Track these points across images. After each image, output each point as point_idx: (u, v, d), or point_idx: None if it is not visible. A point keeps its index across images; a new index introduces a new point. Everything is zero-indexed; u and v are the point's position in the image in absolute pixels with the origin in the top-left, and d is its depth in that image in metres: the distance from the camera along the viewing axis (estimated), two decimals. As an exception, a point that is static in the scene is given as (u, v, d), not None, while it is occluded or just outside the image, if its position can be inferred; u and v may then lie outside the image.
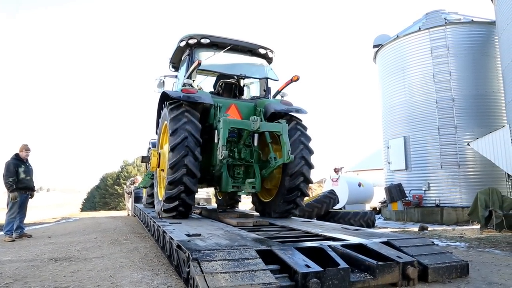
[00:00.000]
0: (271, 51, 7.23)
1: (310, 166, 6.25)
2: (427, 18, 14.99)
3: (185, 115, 5.59)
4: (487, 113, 13.47)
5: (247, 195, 7.03)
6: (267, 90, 7.15)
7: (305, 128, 6.50)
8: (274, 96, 7.02)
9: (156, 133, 7.13)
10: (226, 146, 5.34)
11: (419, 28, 14.52)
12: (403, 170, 14.72)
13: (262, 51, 7.10)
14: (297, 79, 6.52)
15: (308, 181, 6.25)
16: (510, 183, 12.17)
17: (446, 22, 14.08)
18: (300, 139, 6.26)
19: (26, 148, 8.22)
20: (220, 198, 9.31)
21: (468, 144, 12.73)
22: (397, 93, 15.24)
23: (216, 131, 5.75)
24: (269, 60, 7.34)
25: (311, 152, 6.34)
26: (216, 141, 5.69)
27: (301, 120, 6.59)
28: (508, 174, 11.75)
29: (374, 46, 16.68)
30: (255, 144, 6.25)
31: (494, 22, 12.84)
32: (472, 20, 14.19)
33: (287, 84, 6.75)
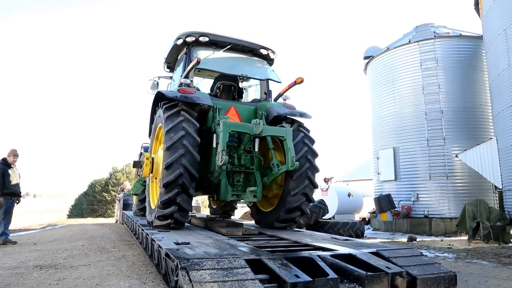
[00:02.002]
0: (273, 52, 6.85)
1: (316, 169, 5.91)
2: (417, 31, 15.27)
3: (182, 119, 5.15)
4: (475, 125, 13.71)
5: (248, 204, 6.55)
6: (268, 93, 6.77)
7: (309, 133, 6.11)
8: (276, 99, 6.67)
9: (149, 136, 6.75)
10: (226, 151, 4.97)
11: (409, 41, 14.77)
12: (393, 181, 14.84)
13: (263, 51, 6.72)
14: (301, 81, 6.12)
15: (313, 184, 5.87)
16: (497, 194, 12.34)
17: (435, 36, 14.36)
18: (305, 148, 5.86)
19: (14, 154, 8.10)
20: (214, 207, 8.97)
21: (456, 156, 12.91)
22: (387, 105, 15.42)
23: (214, 135, 5.41)
24: (271, 62, 6.96)
25: (315, 153, 5.95)
26: (214, 145, 5.35)
27: (308, 131, 6.16)
28: (495, 186, 11.91)
29: (365, 58, 16.91)
30: (256, 149, 5.92)
31: (482, 36, 13.12)
32: (460, 34, 14.50)
33: (290, 86, 6.33)
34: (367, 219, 16.71)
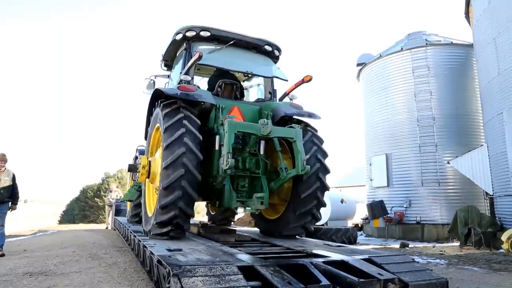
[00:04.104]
0: (278, 49, 6.46)
1: (327, 170, 5.51)
2: (409, 39, 15.45)
3: (182, 116, 4.74)
4: (466, 132, 13.85)
5: (256, 212, 5.92)
6: (272, 92, 6.36)
7: (319, 137, 5.73)
8: (281, 99, 6.28)
9: (145, 139, 6.33)
10: (232, 154, 4.55)
11: (401, 48, 14.94)
12: (385, 187, 14.91)
13: (268, 48, 6.32)
14: (310, 80, 5.74)
15: (325, 186, 5.50)
16: (488, 201, 12.45)
17: (427, 43, 14.54)
18: (314, 148, 5.48)
19: (1, 159, 7.80)
20: (213, 213, 8.54)
21: (448, 163, 13.01)
22: (379, 111, 15.54)
23: (217, 136, 5.04)
24: (275, 60, 6.58)
25: (325, 154, 5.57)
26: (217, 147, 5.00)
27: (316, 130, 5.80)
28: (486, 192, 12.01)
29: (358, 65, 17.05)
30: (261, 152, 5.49)
31: (472, 44, 13.31)
32: (451, 42, 14.70)
33: (297, 85, 5.95)
34: (360, 225, 16.74)
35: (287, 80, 6.25)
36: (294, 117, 5.69)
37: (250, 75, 6.80)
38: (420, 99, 14.19)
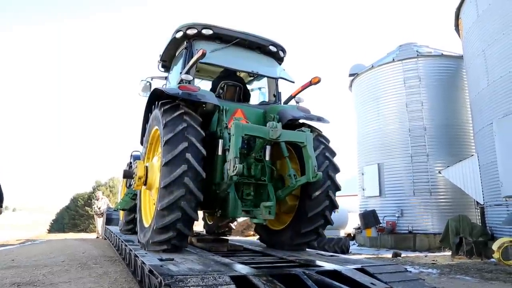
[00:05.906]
0: (283, 50, 6.19)
1: (337, 187, 5.21)
2: (400, 50, 15.65)
3: (185, 126, 4.37)
4: (457, 142, 14.00)
5: (264, 223, 5.34)
6: (277, 95, 6.08)
7: (327, 140, 5.39)
8: (287, 102, 5.99)
9: (141, 143, 5.96)
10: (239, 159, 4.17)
11: (393, 59, 15.13)
12: (377, 197, 14.96)
13: (273, 48, 6.04)
14: (318, 82, 5.48)
15: (334, 205, 5.16)
16: (479, 210, 12.54)
17: (418, 55, 14.75)
18: (323, 153, 5.16)
19: None
20: (210, 223, 7.97)
21: (439, 172, 13.11)
22: (371, 121, 15.66)
23: (220, 141, 4.80)
24: (280, 61, 6.30)
25: (337, 169, 5.23)
26: (220, 152, 4.74)
27: (328, 141, 5.42)
28: (477, 202, 12.11)
29: (350, 75, 17.22)
30: (267, 158, 5.14)
31: (462, 56, 13.53)
32: (442, 54, 14.93)
33: (304, 87, 5.66)
34: (352, 235, 16.75)
35: (293, 82, 5.95)
36: (302, 120, 5.41)
37: (254, 76, 6.62)
38: (411, 109, 14.34)
